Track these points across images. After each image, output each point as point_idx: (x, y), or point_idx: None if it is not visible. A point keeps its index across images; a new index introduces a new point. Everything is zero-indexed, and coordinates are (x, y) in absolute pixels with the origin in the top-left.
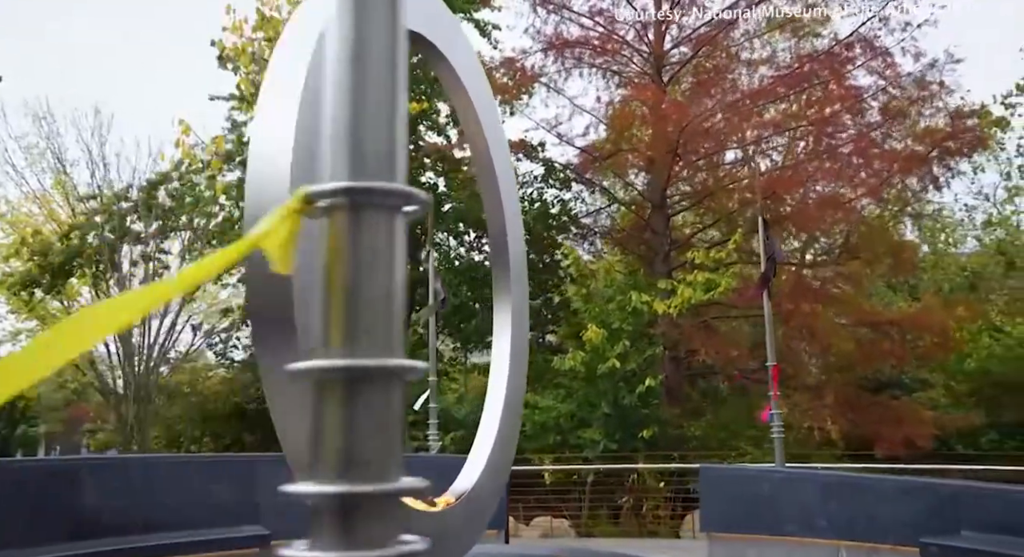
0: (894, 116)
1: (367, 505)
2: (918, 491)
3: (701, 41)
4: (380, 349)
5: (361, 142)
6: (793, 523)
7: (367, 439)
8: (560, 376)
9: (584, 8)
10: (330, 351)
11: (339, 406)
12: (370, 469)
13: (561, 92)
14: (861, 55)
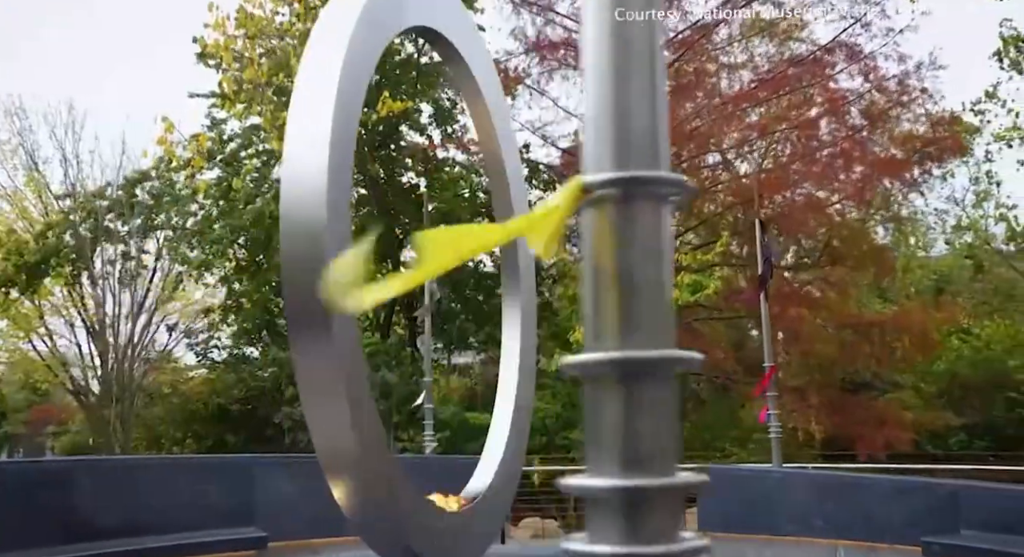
0: (875, 121)
1: (651, 499)
2: (916, 491)
3: (683, 45)
4: (657, 340)
5: (627, 131)
6: (791, 523)
7: (648, 433)
8: (545, 377)
9: (570, 10)
10: (606, 343)
11: (619, 399)
12: (652, 463)
13: (544, 94)
14: (843, 60)
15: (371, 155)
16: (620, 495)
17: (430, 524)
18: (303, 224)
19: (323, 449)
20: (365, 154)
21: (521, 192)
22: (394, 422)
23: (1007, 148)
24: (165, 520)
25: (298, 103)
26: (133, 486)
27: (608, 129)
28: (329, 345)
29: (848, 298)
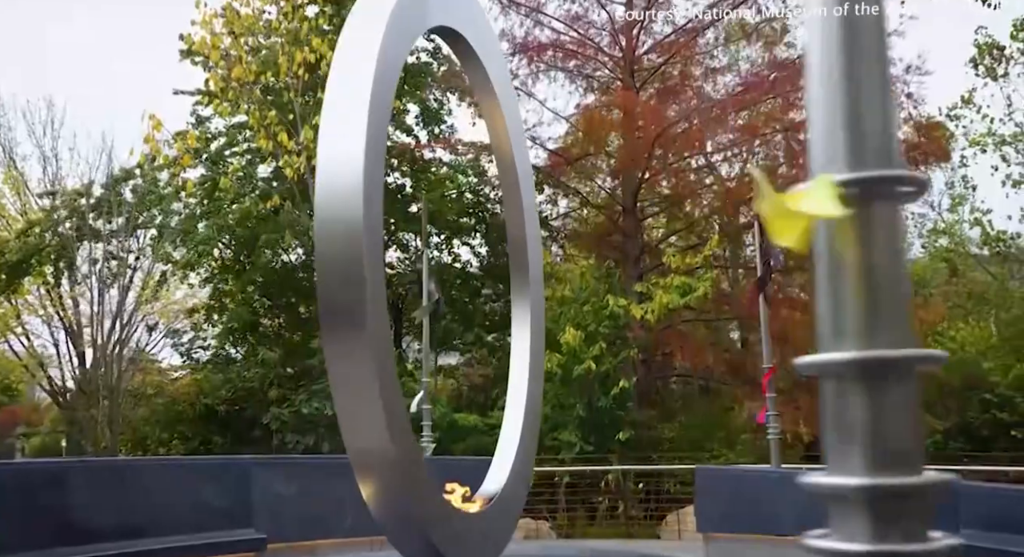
0: None
1: (901, 498)
2: None
3: (671, 48)
4: (900, 339)
5: (860, 131)
6: (789, 522)
7: (894, 431)
8: None
9: (559, 12)
10: (847, 342)
11: (863, 398)
12: (900, 462)
13: (532, 95)
14: None
15: None
16: (868, 494)
17: (454, 525)
18: (339, 225)
19: (356, 449)
20: None
21: (531, 193)
22: None
23: (981, 153)
24: (163, 522)
25: (332, 105)
26: (130, 488)
27: (840, 129)
28: (364, 346)
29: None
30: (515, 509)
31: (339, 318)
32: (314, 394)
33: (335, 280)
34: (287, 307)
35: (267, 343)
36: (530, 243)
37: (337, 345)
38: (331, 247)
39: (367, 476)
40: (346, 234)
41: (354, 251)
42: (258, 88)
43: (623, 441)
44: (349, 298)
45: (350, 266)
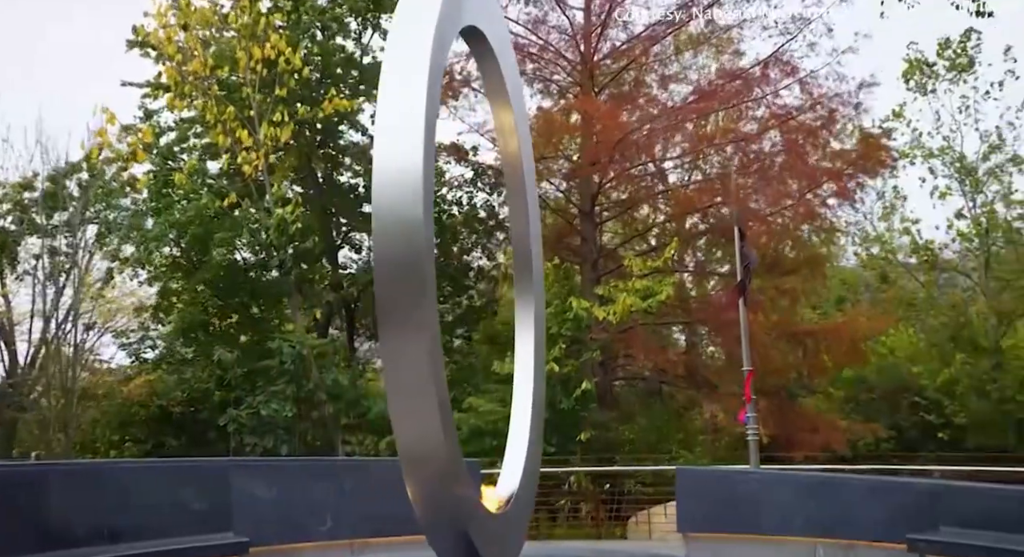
0: (814, 136)
1: None
2: (895, 490)
3: (626, 55)
4: None
5: None
6: (770, 522)
7: None
8: (491, 380)
9: (520, 16)
10: None
11: None
12: None
13: None
14: (781, 76)
15: (314, 154)
16: None
17: (487, 525)
18: (400, 226)
19: (408, 449)
20: (308, 153)
21: (534, 194)
22: (341, 426)
23: (910, 165)
24: (140, 526)
25: (388, 104)
26: (105, 491)
27: None
28: (421, 346)
29: (795, 306)
30: (529, 509)
31: (397, 316)
32: (273, 395)
33: (395, 279)
34: (239, 307)
35: (220, 343)
36: (533, 243)
37: (394, 341)
38: (391, 247)
39: (417, 472)
40: (407, 235)
41: (415, 251)
42: (214, 83)
43: (584, 442)
44: (409, 297)
45: (411, 266)
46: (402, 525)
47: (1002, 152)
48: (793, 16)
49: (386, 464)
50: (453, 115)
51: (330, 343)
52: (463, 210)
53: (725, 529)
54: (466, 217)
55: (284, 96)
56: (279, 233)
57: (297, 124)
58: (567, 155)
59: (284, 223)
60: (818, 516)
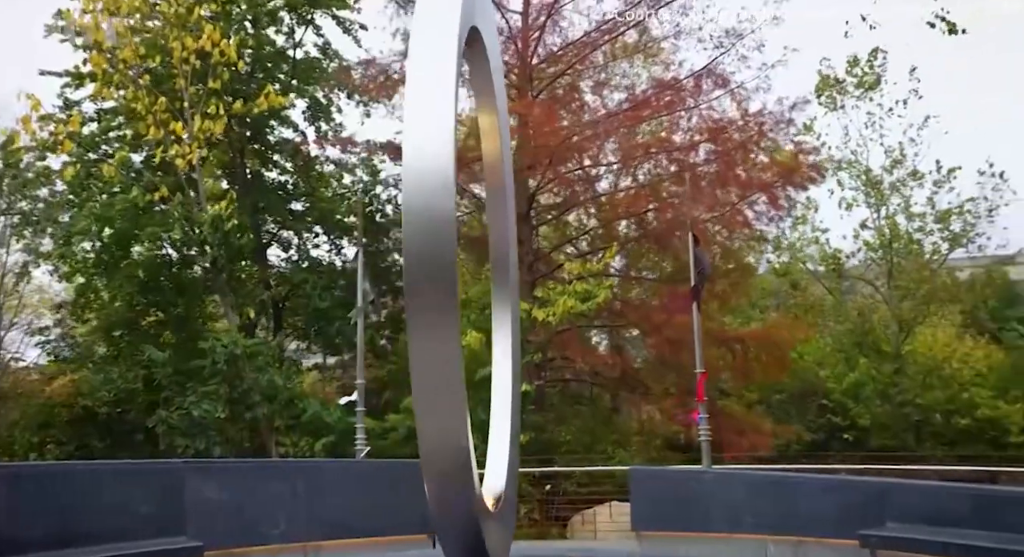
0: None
1: None
2: (844, 488)
3: (563, 60)
4: None
5: None
6: (721, 520)
7: None
8: None
9: None
10: None
11: None
12: None
13: None
14: (714, 88)
15: (245, 149)
16: None
17: (491, 523)
18: (428, 218)
19: (432, 447)
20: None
21: (512, 198)
22: (274, 428)
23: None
24: (91, 530)
25: (416, 98)
26: (55, 494)
27: None
28: (451, 336)
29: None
30: (514, 508)
31: (427, 309)
32: (204, 396)
33: (423, 275)
34: (166, 305)
35: (145, 342)
36: (511, 246)
37: (423, 333)
38: (420, 240)
39: (438, 474)
40: (436, 228)
41: (445, 244)
42: (145, 73)
43: (523, 444)
44: (438, 290)
45: (440, 260)
46: (356, 528)
47: (904, 167)
48: (727, 30)
49: (340, 466)
50: (391, 114)
51: (264, 343)
52: (398, 209)
53: (678, 528)
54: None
55: (218, 89)
56: (212, 229)
57: (230, 118)
58: None
59: (219, 219)
60: (770, 514)
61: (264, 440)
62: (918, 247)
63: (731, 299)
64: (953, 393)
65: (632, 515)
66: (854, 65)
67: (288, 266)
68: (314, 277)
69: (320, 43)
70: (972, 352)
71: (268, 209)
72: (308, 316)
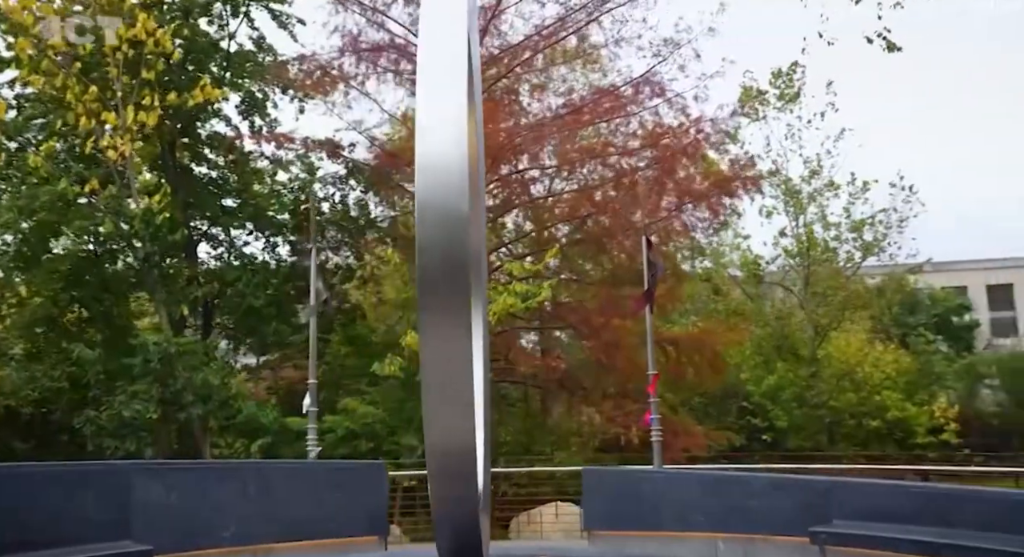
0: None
1: None
2: (792, 486)
3: (503, 63)
4: None
5: None
6: (673, 519)
7: None
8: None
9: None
10: None
11: None
12: None
13: (368, 95)
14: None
15: (177, 142)
16: None
17: (483, 520)
18: (444, 217)
19: (439, 446)
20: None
21: (484, 200)
22: (210, 428)
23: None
24: (31, 535)
25: (428, 98)
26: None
27: None
28: (463, 343)
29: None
30: (489, 506)
31: (440, 304)
32: (135, 395)
33: (437, 271)
34: (92, 302)
35: (68, 339)
36: (483, 247)
37: (435, 329)
38: (436, 239)
39: (444, 466)
40: (452, 228)
41: (460, 244)
42: (75, 60)
43: None
44: (452, 289)
45: (455, 255)
46: (308, 530)
47: (821, 178)
48: (665, 39)
49: (291, 467)
50: (330, 111)
51: (198, 341)
52: (336, 208)
53: (630, 527)
54: (341, 215)
55: (151, 79)
56: (144, 224)
57: (163, 110)
58: None
59: (151, 214)
60: (720, 512)
61: (197, 441)
62: (833, 255)
63: (667, 304)
64: (865, 396)
65: (584, 514)
66: (777, 77)
67: (220, 264)
68: (248, 275)
69: (255, 36)
70: (882, 356)
71: (199, 205)
72: (241, 315)
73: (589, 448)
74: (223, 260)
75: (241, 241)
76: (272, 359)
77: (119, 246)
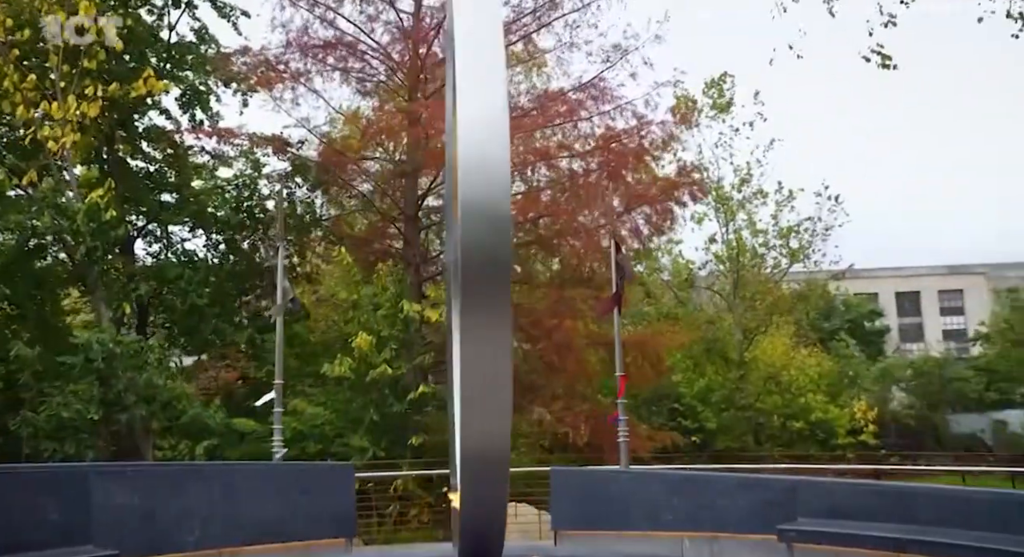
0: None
1: None
2: (756, 485)
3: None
4: None
5: None
6: (640, 518)
7: None
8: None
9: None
10: None
11: None
12: None
13: (317, 92)
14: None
15: (115, 135)
16: None
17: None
18: (488, 217)
19: (475, 447)
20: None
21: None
22: (153, 429)
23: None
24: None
25: (469, 97)
26: None
27: None
28: (503, 345)
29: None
30: None
31: (482, 306)
32: (74, 396)
33: (481, 269)
34: (26, 298)
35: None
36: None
37: (476, 332)
38: (479, 238)
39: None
40: (495, 228)
41: (502, 244)
42: (11, 47)
43: (416, 446)
44: (494, 289)
45: (498, 253)
46: (273, 532)
47: (750, 186)
48: (615, 45)
49: (255, 469)
50: (278, 107)
51: (141, 340)
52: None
53: (598, 526)
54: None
55: (93, 69)
56: (87, 219)
57: (103, 101)
58: (391, 157)
59: (96, 208)
60: (686, 511)
61: (139, 443)
62: (761, 261)
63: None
64: (790, 398)
65: (552, 514)
66: (710, 87)
67: (160, 261)
68: (190, 272)
69: (196, 27)
70: (806, 360)
71: (135, 200)
72: (182, 313)
73: (538, 448)
74: (157, 257)
75: (178, 238)
76: (207, 359)
77: (51, 240)
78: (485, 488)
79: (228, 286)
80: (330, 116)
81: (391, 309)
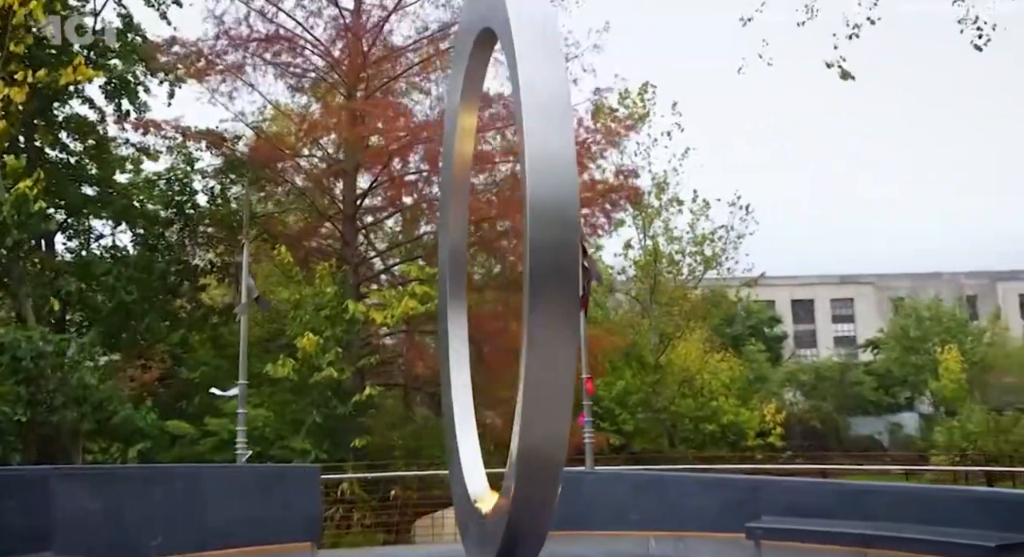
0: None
1: None
2: (719, 485)
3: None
4: None
5: None
6: (605, 519)
7: None
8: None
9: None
10: None
11: None
12: None
13: (253, 86)
14: None
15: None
16: None
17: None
18: (557, 218)
19: (534, 448)
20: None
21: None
22: (82, 432)
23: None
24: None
25: (534, 100)
26: None
27: None
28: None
29: None
30: None
31: (550, 306)
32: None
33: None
34: None
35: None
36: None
37: (543, 332)
38: (547, 239)
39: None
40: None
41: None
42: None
43: (359, 448)
44: (563, 285)
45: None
46: (238, 536)
47: (667, 193)
48: None
49: (219, 472)
50: (214, 101)
51: (73, 339)
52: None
53: (564, 526)
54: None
55: (20, 53)
56: (15, 211)
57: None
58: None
59: (24, 199)
60: (652, 511)
61: (66, 446)
62: (677, 267)
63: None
64: (703, 401)
65: None
66: (625, 96)
67: (81, 256)
68: (118, 268)
69: (123, 14)
70: (719, 364)
71: (55, 192)
72: (107, 311)
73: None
74: (77, 253)
75: (97, 232)
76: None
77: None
78: (539, 489)
79: (157, 283)
80: (265, 111)
81: (334, 309)
